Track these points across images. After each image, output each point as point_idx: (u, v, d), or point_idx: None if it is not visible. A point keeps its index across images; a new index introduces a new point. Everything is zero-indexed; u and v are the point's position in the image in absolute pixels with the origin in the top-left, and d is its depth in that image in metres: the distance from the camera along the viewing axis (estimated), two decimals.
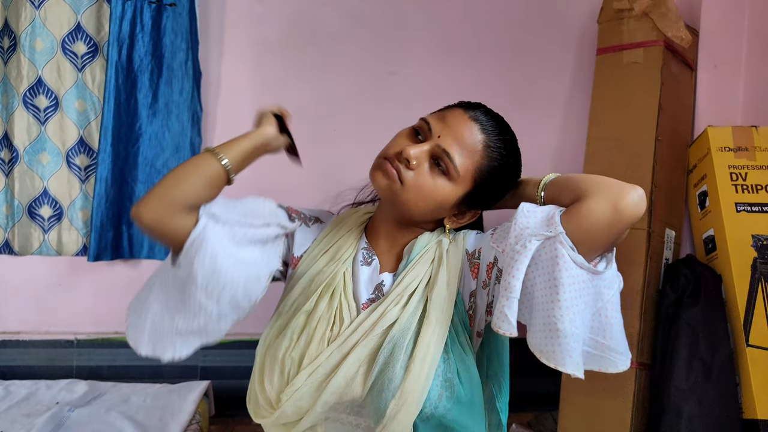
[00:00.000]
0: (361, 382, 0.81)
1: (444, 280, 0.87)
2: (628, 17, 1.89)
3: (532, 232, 0.78)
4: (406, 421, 0.80)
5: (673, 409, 1.58)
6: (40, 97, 1.95)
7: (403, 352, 0.81)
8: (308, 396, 0.82)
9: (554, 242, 0.76)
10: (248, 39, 2.05)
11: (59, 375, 1.92)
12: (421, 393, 0.80)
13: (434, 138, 0.86)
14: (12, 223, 1.97)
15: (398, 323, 0.84)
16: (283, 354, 0.85)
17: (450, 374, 0.83)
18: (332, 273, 0.91)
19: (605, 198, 0.76)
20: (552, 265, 0.76)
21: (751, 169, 1.77)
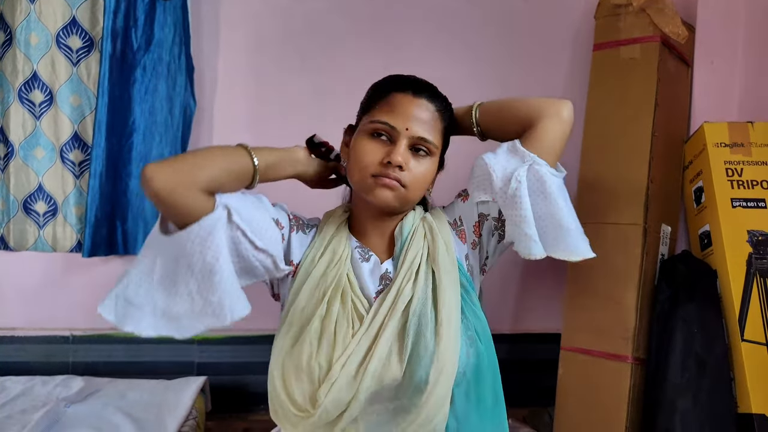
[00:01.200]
0: (397, 360, 0.84)
1: (443, 248, 0.94)
2: (625, 13, 1.89)
3: (512, 169, 0.92)
4: (447, 386, 0.84)
5: (668, 404, 1.59)
6: (35, 92, 1.94)
7: (430, 321, 0.87)
8: (347, 386, 0.83)
9: (533, 167, 0.92)
10: (243, 33, 2.05)
11: (55, 371, 1.92)
12: (454, 355, 0.85)
13: (403, 132, 0.91)
14: (7, 218, 1.96)
15: (415, 297, 0.89)
16: (308, 360, 0.85)
17: (470, 332, 0.90)
18: (336, 275, 0.92)
19: (550, 116, 0.94)
20: (541, 184, 0.91)
21: (746, 164, 1.77)
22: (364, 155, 0.91)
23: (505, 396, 0.98)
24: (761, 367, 1.55)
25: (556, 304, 2.00)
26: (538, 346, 2.16)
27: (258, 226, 0.89)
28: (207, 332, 2.04)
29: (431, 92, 0.95)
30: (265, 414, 2.00)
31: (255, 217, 0.89)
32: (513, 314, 2.22)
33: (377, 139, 0.91)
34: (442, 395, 0.83)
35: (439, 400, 0.83)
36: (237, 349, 2.05)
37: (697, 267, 1.74)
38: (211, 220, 0.82)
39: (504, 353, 2.22)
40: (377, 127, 0.91)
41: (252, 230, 0.87)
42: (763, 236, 1.68)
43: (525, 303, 2.22)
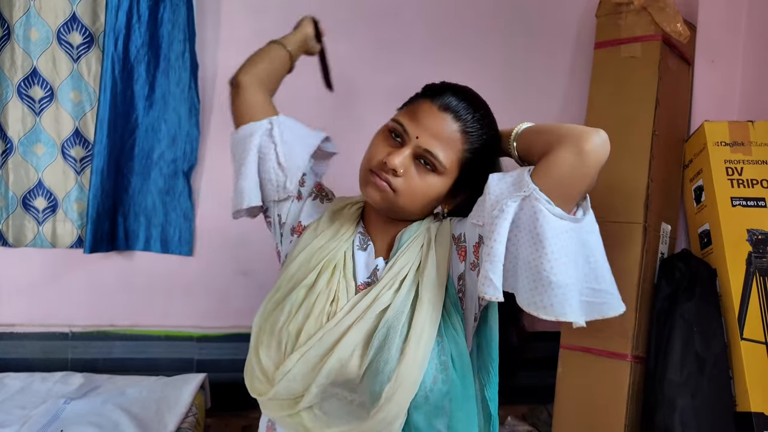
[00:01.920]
0: (356, 364, 0.82)
1: (433, 264, 0.89)
2: (627, 11, 1.89)
3: (506, 196, 0.80)
4: (401, 404, 0.80)
5: (667, 402, 1.59)
6: (35, 88, 1.93)
7: (398, 336, 0.82)
8: (301, 377, 0.82)
9: (530, 200, 0.78)
10: (245, 30, 2.04)
11: (54, 368, 1.92)
12: (417, 376, 0.80)
13: (412, 140, 0.86)
14: (6, 214, 1.95)
15: (392, 307, 0.85)
16: (281, 326, 0.85)
17: (444, 357, 0.84)
18: (333, 250, 0.92)
19: (569, 145, 0.79)
20: (533, 222, 0.77)
21: (746, 163, 1.77)
22: (371, 148, 0.92)
23: (504, 393, 0.94)
24: (760, 365, 1.56)
25: None
26: (537, 344, 2.16)
27: (290, 149, 1.00)
28: (206, 329, 2.05)
29: (460, 109, 0.87)
30: None
31: (292, 142, 1.01)
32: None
33: (391, 138, 0.90)
34: (394, 413, 0.79)
35: (389, 417, 0.79)
36: (236, 346, 2.05)
37: (697, 266, 1.74)
38: (254, 127, 1.01)
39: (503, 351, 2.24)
40: (392, 125, 0.90)
41: (283, 148, 0.99)
42: (763, 235, 1.68)
43: None
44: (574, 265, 0.78)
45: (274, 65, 1.15)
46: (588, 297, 0.80)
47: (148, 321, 2.03)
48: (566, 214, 0.78)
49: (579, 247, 0.79)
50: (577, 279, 0.78)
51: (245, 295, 2.05)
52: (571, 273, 0.77)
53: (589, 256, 0.80)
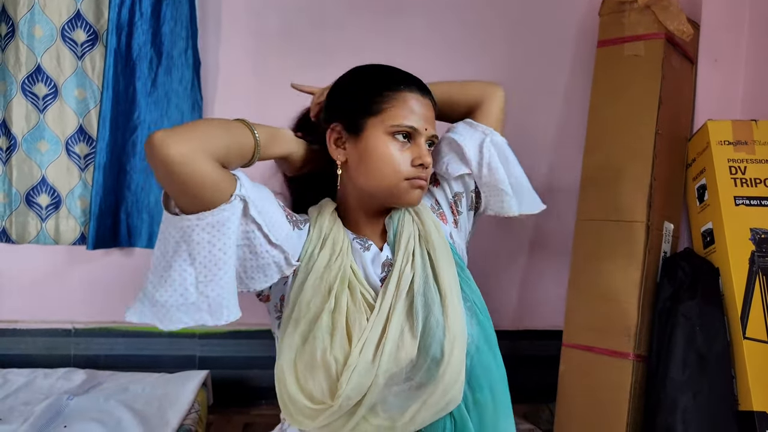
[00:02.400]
0: (410, 338, 0.86)
1: (434, 229, 0.98)
2: (630, 10, 1.88)
3: (479, 141, 1.05)
4: (461, 355, 0.86)
5: (669, 401, 1.59)
6: (39, 85, 1.94)
7: (435, 296, 0.90)
8: (365, 371, 0.83)
9: (493, 138, 1.06)
10: (247, 27, 2.05)
11: (56, 364, 1.92)
12: (463, 324, 0.89)
13: (423, 132, 0.94)
14: (9, 211, 1.96)
15: (416, 277, 0.91)
16: (322, 356, 0.83)
17: (469, 303, 0.94)
18: (341, 267, 0.90)
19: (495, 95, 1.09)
20: (501, 152, 1.06)
21: (750, 162, 1.77)
22: (393, 159, 0.91)
23: None
24: (763, 364, 1.56)
25: (558, 301, 2.00)
26: (539, 343, 2.16)
27: (272, 220, 0.85)
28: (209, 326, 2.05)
29: (427, 89, 0.99)
30: (267, 408, 2.02)
31: (270, 210, 0.85)
32: (515, 311, 2.22)
33: (397, 140, 0.92)
34: (458, 365, 0.85)
35: (455, 370, 0.85)
36: (239, 343, 2.06)
37: (700, 265, 1.74)
38: (226, 211, 0.77)
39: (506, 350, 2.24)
40: (401, 130, 0.92)
41: (267, 224, 0.83)
42: (766, 234, 1.68)
43: (527, 300, 2.22)
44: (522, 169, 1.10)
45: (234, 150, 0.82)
46: None
47: None
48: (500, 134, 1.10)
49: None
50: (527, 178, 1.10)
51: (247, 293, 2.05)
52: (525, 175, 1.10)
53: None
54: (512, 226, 2.15)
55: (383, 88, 0.93)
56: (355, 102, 0.94)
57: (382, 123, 0.91)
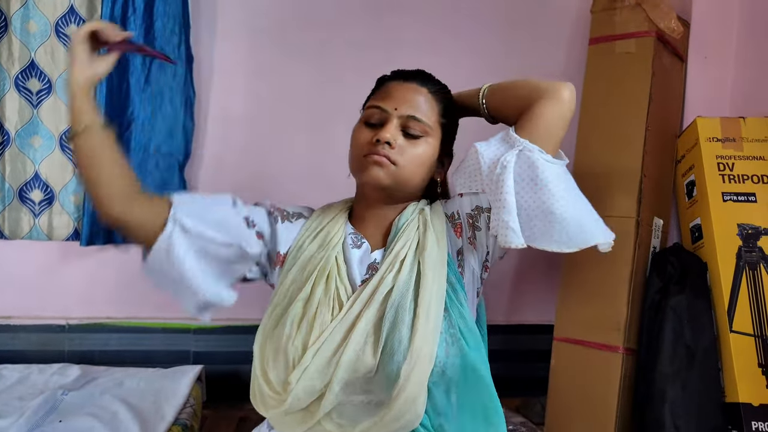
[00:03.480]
0: (371, 351, 0.82)
1: (433, 242, 0.92)
2: (621, 8, 1.90)
3: (501, 154, 0.90)
4: (420, 382, 0.81)
5: (658, 393, 1.62)
6: (33, 80, 1.94)
7: (407, 314, 0.84)
8: (318, 374, 0.82)
9: (524, 153, 0.88)
10: (242, 23, 2.05)
11: (50, 360, 1.92)
12: (431, 350, 0.82)
13: (392, 112, 0.91)
14: (2, 206, 1.96)
15: (395, 288, 0.87)
16: (286, 342, 0.84)
17: (453, 330, 0.87)
18: (324, 258, 0.91)
19: (549, 97, 0.90)
20: (532, 171, 0.87)
21: (738, 159, 1.80)
22: (356, 139, 0.95)
23: (498, 385, 0.95)
24: (748, 357, 1.59)
25: (549, 295, 2.02)
26: (531, 337, 2.19)
27: (217, 222, 0.91)
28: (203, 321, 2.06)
29: (423, 77, 0.97)
30: None
31: (210, 214, 0.91)
32: (507, 305, 2.24)
33: (368, 126, 0.95)
34: (415, 391, 0.80)
35: (410, 396, 0.80)
36: (233, 339, 2.06)
37: (688, 259, 1.77)
38: (164, 240, 0.86)
39: (498, 344, 2.26)
40: (369, 113, 0.94)
41: (212, 228, 0.89)
42: (753, 230, 1.71)
43: (519, 294, 2.24)
44: (577, 197, 0.90)
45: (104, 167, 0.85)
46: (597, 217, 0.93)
47: (145, 313, 2.04)
48: (552, 157, 0.90)
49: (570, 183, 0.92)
50: (585, 206, 0.91)
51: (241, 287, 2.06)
52: (579, 205, 0.89)
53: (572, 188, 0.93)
54: None
55: (378, 82, 0.99)
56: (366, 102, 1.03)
57: (365, 110, 0.98)
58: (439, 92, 0.98)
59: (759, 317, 1.62)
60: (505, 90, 0.97)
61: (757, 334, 1.61)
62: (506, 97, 0.96)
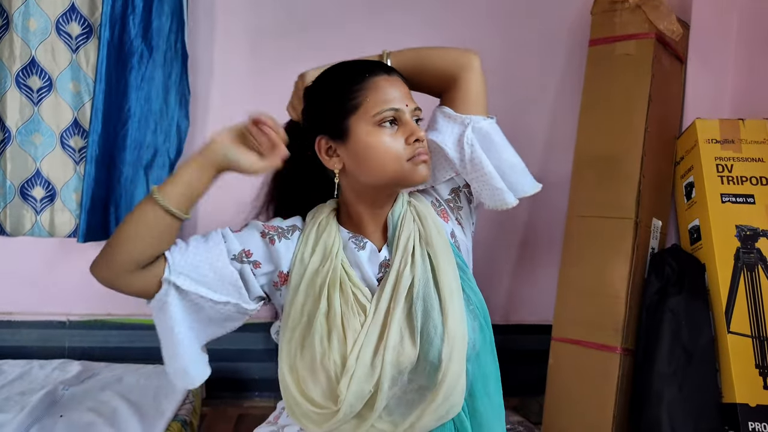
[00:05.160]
0: (410, 343, 0.85)
1: (435, 230, 0.95)
2: (621, 9, 1.91)
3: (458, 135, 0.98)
4: (460, 361, 0.85)
5: (655, 394, 1.63)
6: (34, 78, 1.94)
7: (435, 301, 0.88)
8: (366, 377, 0.83)
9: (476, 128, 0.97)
10: (240, 22, 2.05)
11: (51, 356, 1.94)
12: (463, 330, 0.87)
13: (405, 109, 0.92)
14: (4, 203, 1.97)
15: (416, 280, 0.90)
16: (321, 359, 0.84)
17: (471, 306, 0.92)
18: (330, 269, 0.90)
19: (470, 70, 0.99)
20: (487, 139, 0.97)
21: (737, 161, 1.80)
22: (389, 147, 0.89)
23: None
24: (746, 358, 1.59)
25: (547, 295, 2.03)
26: (529, 337, 2.20)
27: (212, 282, 0.88)
28: None
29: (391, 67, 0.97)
30: (260, 400, 2.04)
31: (206, 272, 0.88)
32: (505, 305, 2.25)
33: (385, 128, 0.90)
34: (457, 371, 0.84)
35: (454, 377, 0.84)
36: (232, 336, 2.03)
37: (687, 261, 1.77)
38: (158, 300, 0.87)
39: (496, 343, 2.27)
40: (385, 116, 0.89)
41: (207, 288, 0.88)
42: (751, 231, 1.71)
43: (517, 294, 2.25)
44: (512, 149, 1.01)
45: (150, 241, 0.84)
46: None
47: (145, 310, 1.99)
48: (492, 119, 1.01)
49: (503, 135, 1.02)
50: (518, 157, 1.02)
51: None
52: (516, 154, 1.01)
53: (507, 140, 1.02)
54: (503, 222, 2.17)
55: (350, 84, 0.91)
56: (330, 109, 0.91)
57: (364, 117, 0.89)
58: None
59: (757, 318, 1.63)
60: (417, 62, 1.01)
61: (754, 335, 1.61)
62: (423, 71, 1.00)
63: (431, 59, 1.01)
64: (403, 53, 1.01)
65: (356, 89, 0.90)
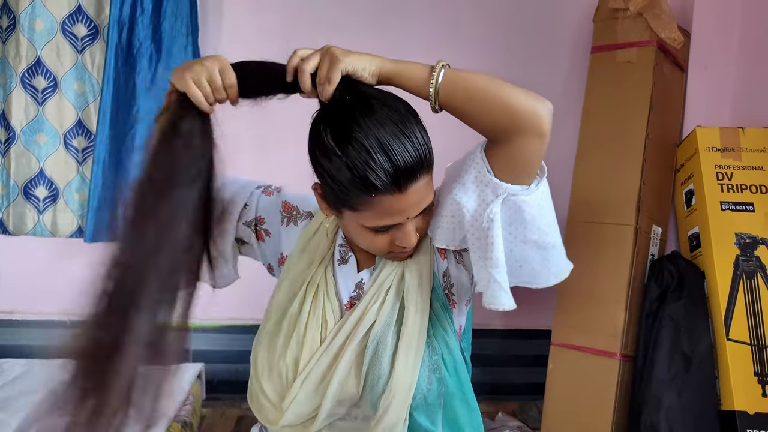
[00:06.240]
0: (354, 383, 0.84)
1: (416, 272, 0.89)
2: (623, 17, 1.93)
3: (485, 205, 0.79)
4: (398, 412, 0.83)
5: (654, 400, 1.63)
6: (39, 78, 1.96)
7: (388, 349, 0.84)
8: (307, 401, 0.84)
9: (507, 199, 0.79)
10: (249, 26, 2.07)
11: (52, 355, 1.94)
12: (410, 383, 0.83)
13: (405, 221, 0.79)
14: (7, 203, 1.98)
15: (378, 322, 0.86)
16: (278, 359, 0.86)
17: (436, 356, 0.87)
18: (313, 273, 0.91)
19: (530, 134, 0.76)
20: (518, 214, 0.79)
21: (736, 169, 1.82)
22: (371, 244, 0.83)
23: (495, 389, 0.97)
24: (745, 365, 1.60)
25: (547, 301, 2.03)
26: (529, 342, 2.20)
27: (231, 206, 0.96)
28: (203, 320, 2.08)
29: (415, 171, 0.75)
30: None
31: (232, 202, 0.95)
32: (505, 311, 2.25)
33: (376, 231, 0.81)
34: (393, 421, 0.82)
35: (388, 426, 0.82)
36: (232, 338, 2.08)
37: (686, 267, 1.78)
38: None
39: (496, 348, 2.28)
40: (379, 229, 0.80)
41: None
42: (751, 239, 1.72)
43: (517, 300, 2.25)
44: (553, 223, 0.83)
45: None
46: None
47: None
48: (535, 186, 0.80)
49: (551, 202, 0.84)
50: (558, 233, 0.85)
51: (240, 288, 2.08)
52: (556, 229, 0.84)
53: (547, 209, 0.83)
54: None
55: (356, 190, 0.75)
56: (330, 186, 0.79)
57: (359, 219, 0.79)
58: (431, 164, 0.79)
59: (756, 326, 1.64)
60: (473, 97, 0.77)
61: (753, 342, 1.62)
62: (475, 110, 0.77)
63: (489, 104, 0.76)
64: (457, 82, 0.77)
65: (360, 196, 0.75)
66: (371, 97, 0.76)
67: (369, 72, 0.78)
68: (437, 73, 0.78)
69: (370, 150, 0.72)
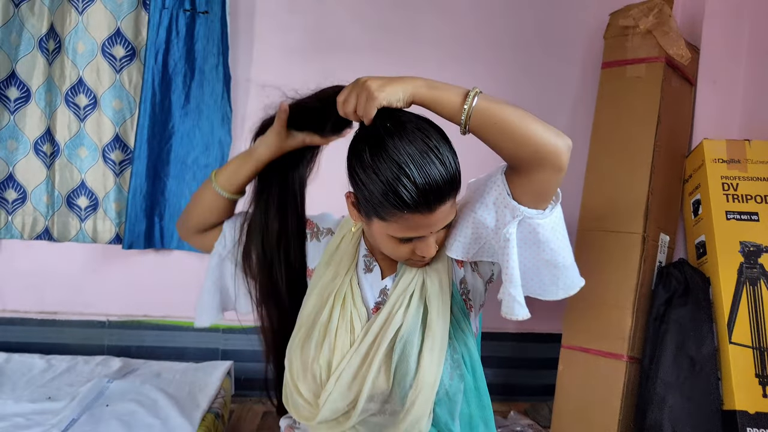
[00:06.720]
0: (384, 378, 0.93)
1: (436, 278, 0.98)
2: (633, 34, 2.00)
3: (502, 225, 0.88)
4: (424, 406, 0.92)
5: (659, 400, 1.71)
6: (81, 96, 2.10)
7: (414, 348, 0.93)
8: (341, 397, 0.93)
9: (524, 221, 0.87)
10: (276, 46, 2.19)
11: (92, 353, 2.08)
12: (435, 379, 0.92)
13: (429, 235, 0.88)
14: (52, 211, 2.12)
15: (404, 325, 0.94)
16: (312, 362, 0.95)
17: (456, 355, 0.96)
18: (340, 282, 1.00)
19: (551, 167, 0.83)
20: (534, 235, 0.88)
21: (742, 180, 1.87)
22: (394, 251, 0.93)
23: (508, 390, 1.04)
24: (746, 367, 1.67)
25: (557, 306, 2.10)
26: (540, 345, 2.28)
27: None
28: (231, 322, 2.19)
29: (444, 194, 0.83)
30: None
31: None
32: None
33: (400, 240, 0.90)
34: (419, 414, 0.91)
35: (415, 418, 0.91)
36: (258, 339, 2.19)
37: (692, 274, 1.85)
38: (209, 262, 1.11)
39: (508, 351, 2.37)
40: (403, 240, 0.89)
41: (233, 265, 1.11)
42: (755, 247, 1.78)
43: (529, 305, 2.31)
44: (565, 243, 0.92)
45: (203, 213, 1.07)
46: None
47: (179, 313, 2.19)
48: (549, 210, 0.88)
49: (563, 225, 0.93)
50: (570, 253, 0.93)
51: None
52: (569, 249, 0.93)
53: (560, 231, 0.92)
54: None
55: (388, 204, 0.83)
56: (364, 196, 0.87)
57: (384, 227, 0.88)
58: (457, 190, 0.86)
59: (758, 330, 1.70)
60: (502, 129, 0.82)
61: (755, 345, 1.69)
62: (501, 140, 0.82)
63: (516, 137, 0.81)
64: (488, 114, 0.81)
65: (390, 211, 0.83)
66: (408, 121, 0.85)
67: (402, 101, 0.85)
68: (470, 102, 0.82)
69: (406, 170, 0.80)
